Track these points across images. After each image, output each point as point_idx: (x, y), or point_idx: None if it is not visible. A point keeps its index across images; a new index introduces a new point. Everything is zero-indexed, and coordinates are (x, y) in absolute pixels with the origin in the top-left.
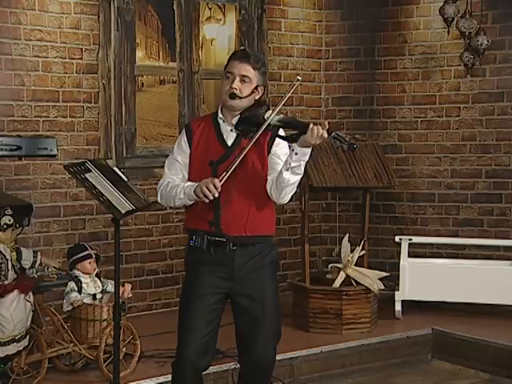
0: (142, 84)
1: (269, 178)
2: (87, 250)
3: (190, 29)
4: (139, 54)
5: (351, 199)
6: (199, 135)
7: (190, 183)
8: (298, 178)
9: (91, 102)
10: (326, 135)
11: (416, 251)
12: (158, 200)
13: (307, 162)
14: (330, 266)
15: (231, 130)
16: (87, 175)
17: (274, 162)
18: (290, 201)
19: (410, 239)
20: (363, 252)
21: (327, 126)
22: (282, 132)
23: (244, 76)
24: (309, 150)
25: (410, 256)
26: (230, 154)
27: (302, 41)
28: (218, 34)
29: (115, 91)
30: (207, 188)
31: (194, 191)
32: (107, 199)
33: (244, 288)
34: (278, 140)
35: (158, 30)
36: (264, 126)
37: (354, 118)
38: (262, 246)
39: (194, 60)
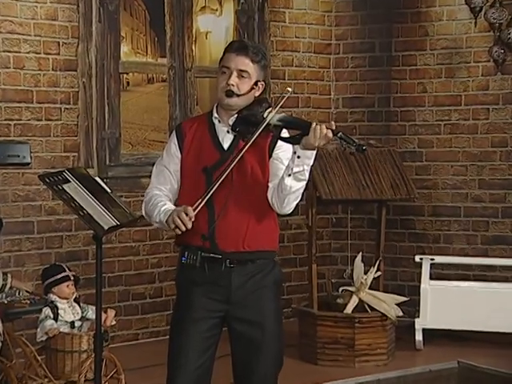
0: (128, 83)
1: (270, 184)
2: (65, 271)
3: (181, 20)
4: (124, 48)
5: (365, 213)
6: (191, 138)
7: (166, 207)
8: (302, 184)
9: (70, 103)
10: (330, 135)
11: (439, 273)
12: (143, 212)
13: (312, 166)
14: (341, 289)
15: (228, 132)
16: (65, 186)
17: (277, 168)
18: (293, 212)
19: (432, 259)
20: (379, 273)
21: (333, 126)
22: (285, 133)
23: (242, 71)
24: (313, 154)
25: (432, 278)
26: (227, 159)
27: (308, 34)
28: (214, 27)
29: (97, 91)
30: (179, 218)
31: (167, 221)
32: (88, 213)
33: (242, 311)
34: (280, 142)
35: (145, 21)
36: (262, 126)
37: (368, 122)
38: (263, 263)
39: (186, 56)
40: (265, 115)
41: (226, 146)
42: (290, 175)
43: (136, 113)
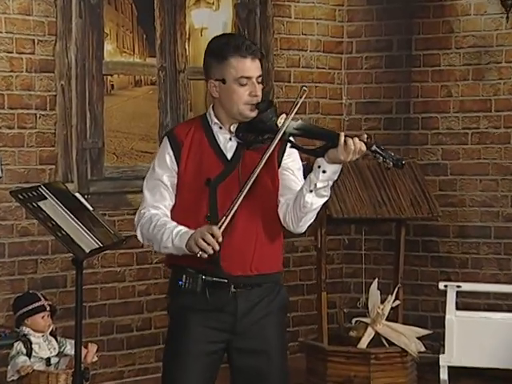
0: (112, 86)
1: (281, 199)
2: (40, 300)
3: (173, 15)
4: (108, 47)
5: (381, 234)
6: (189, 146)
7: (180, 228)
8: (324, 200)
9: (46, 109)
10: (364, 149)
11: (467, 302)
12: (138, 237)
13: (335, 181)
14: (355, 320)
15: (230, 139)
16: (41, 203)
17: (288, 179)
18: (303, 233)
19: (459, 286)
20: (397, 302)
21: (365, 138)
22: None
23: (259, 76)
24: (339, 168)
25: (458, 308)
26: (232, 170)
27: (317, 30)
28: (210, 22)
29: (77, 95)
30: (203, 240)
31: (187, 244)
32: (66, 234)
33: (246, 342)
34: (289, 150)
35: (132, 16)
36: (279, 136)
37: (385, 130)
38: (270, 286)
39: (178, 55)
40: (278, 122)
41: (229, 155)
42: (311, 191)
43: (122, 120)
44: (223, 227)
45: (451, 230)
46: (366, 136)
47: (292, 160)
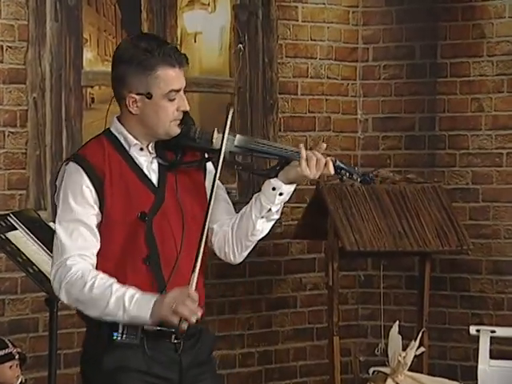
0: (93, 99)
1: (214, 227)
2: (7, 347)
3: (163, 18)
4: (88, 54)
5: (403, 270)
6: (110, 175)
7: (133, 293)
8: (272, 223)
9: (16, 126)
10: (331, 167)
11: (502, 350)
12: (62, 296)
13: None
14: (372, 370)
15: (151, 161)
16: (9, 235)
17: (217, 201)
18: (308, 268)
19: (493, 331)
20: (422, 350)
21: (324, 148)
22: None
23: (185, 87)
24: (293, 187)
25: (492, 357)
26: (163, 198)
27: (328, 35)
28: (205, 26)
29: (52, 109)
30: (184, 305)
31: (156, 314)
32: (39, 270)
33: None
34: (209, 166)
35: (116, 19)
36: (222, 156)
37: (406, 150)
38: (202, 330)
39: None
40: (214, 139)
41: (154, 180)
42: (263, 217)
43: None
44: (194, 285)
45: (484, 266)
46: (324, 145)
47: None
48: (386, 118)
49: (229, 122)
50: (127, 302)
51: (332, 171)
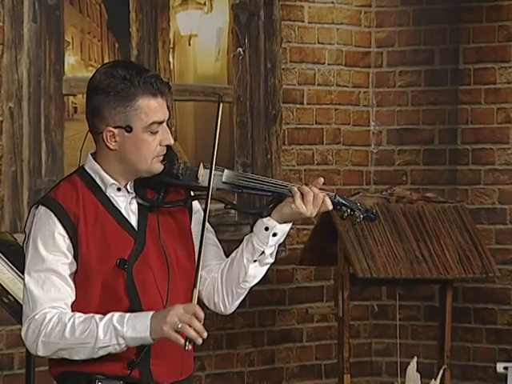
0: (75, 109)
1: (203, 273)
2: None
3: (154, 19)
4: (70, 59)
5: (421, 299)
6: (84, 219)
7: (119, 315)
8: (266, 268)
9: None
10: (329, 203)
11: None
12: (39, 352)
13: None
14: None
15: (130, 202)
16: None
17: (207, 246)
18: (315, 297)
19: None
20: None
21: (322, 182)
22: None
23: (168, 119)
24: (289, 227)
25: None
26: (144, 243)
27: (337, 38)
28: (201, 28)
29: (30, 121)
30: (190, 324)
31: (158, 333)
32: (14, 300)
33: None
34: (196, 205)
35: (101, 20)
36: (210, 193)
37: (425, 165)
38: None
39: (160, 69)
40: (199, 175)
41: (134, 223)
42: (255, 261)
43: (86, 152)
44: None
45: None
46: (322, 180)
47: (201, 215)
48: (402, 130)
49: (220, 112)
50: (118, 325)
51: (330, 207)
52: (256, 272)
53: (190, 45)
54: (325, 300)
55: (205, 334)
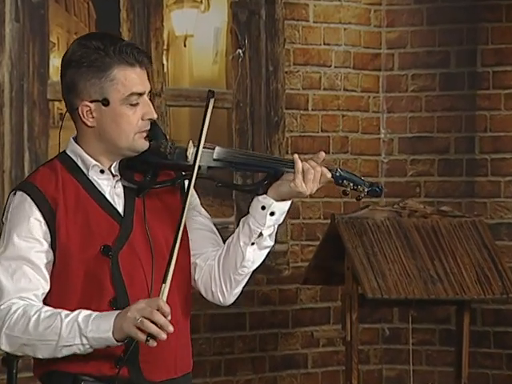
0: (61, 115)
1: (198, 261)
2: None
3: (146, 18)
4: (56, 61)
5: (436, 322)
6: (64, 204)
7: (86, 313)
8: (268, 250)
9: None
10: (329, 175)
11: None
12: (5, 348)
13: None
14: None
15: (115, 185)
16: None
17: (201, 228)
18: (321, 320)
19: None
20: None
21: (323, 157)
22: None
23: (150, 92)
24: (288, 205)
25: None
26: (131, 228)
27: (345, 39)
28: (197, 28)
29: (12, 128)
30: (151, 318)
31: (119, 331)
32: None
33: None
34: (187, 184)
35: (89, 19)
36: (195, 173)
37: (440, 176)
38: None
39: (153, 72)
40: (188, 153)
41: (119, 208)
42: (253, 243)
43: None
44: (166, 295)
45: None
46: (323, 154)
47: (195, 199)
48: (415, 139)
49: (206, 124)
50: (82, 323)
51: (329, 175)
52: (254, 256)
53: (185, 46)
54: (331, 322)
55: (170, 328)
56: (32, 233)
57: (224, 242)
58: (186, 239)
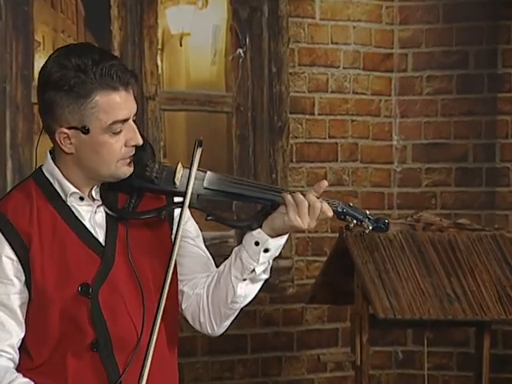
0: None
1: (186, 289)
2: None
3: (139, 15)
4: (41, 62)
5: (454, 344)
6: (39, 237)
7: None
8: (261, 284)
9: None
10: (330, 214)
11: None
12: None
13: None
14: None
15: (95, 211)
16: None
17: (190, 254)
18: (328, 342)
19: None
20: None
21: (325, 185)
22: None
23: (135, 114)
24: (284, 240)
25: None
26: (112, 262)
27: (354, 37)
28: (194, 26)
29: None
30: None
31: None
32: None
33: None
34: (177, 211)
35: (77, 17)
36: (188, 200)
37: (457, 186)
38: None
39: (146, 74)
40: (176, 177)
41: (101, 237)
42: (245, 279)
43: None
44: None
45: None
46: (325, 183)
47: (185, 223)
48: (431, 146)
49: (197, 160)
50: None
51: (330, 214)
52: (247, 291)
53: (181, 45)
54: (340, 345)
55: None
56: (4, 273)
57: (216, 265)
58: (175, 272)
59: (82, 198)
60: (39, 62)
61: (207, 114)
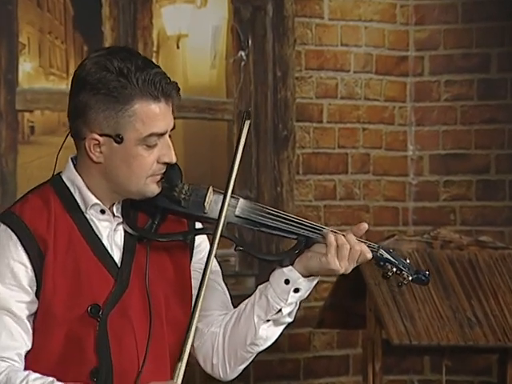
0: (32, 129)
1: (200, 325)
2: None
3: (133, 15)
4: (26, 66)
5: (475, 373)
6: (54, 245)
7: None
8: (282, 329)
9: None
10: (369, 256)
11: None
12: None
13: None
14: None
15: (115, 228)
16: None
17: (208, 290)
18: (339, 370)
19: None
20: None
21: (365, 229)
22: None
23: (172, 129)
24: (315, 282)
25: None
26: (126, 285)
27: (366, 39)
28: (192, 27)
29: None
30: None
31: None
32: None
33: None
34: (199, 239)
35: (66, 17)
36: (220, 229)
37: (478, 200)
38: None
39: None
40: (206, 202)
41: (117, 257)
42: (269, 320)
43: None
44: (180, 380)
45: None
46: (366, 226)
47: (204, 255)
48: (449, 156)
49: (244, 134)
50: None
51: (369, 256)
52: (269, 333)
53: (178, 47)
54: (351, 373)
55: None
56: (17, 279)
57: (234, 306)
58: (189, 295)
59: (103, 211)
60: (24, 66)
61: (206, 122)
